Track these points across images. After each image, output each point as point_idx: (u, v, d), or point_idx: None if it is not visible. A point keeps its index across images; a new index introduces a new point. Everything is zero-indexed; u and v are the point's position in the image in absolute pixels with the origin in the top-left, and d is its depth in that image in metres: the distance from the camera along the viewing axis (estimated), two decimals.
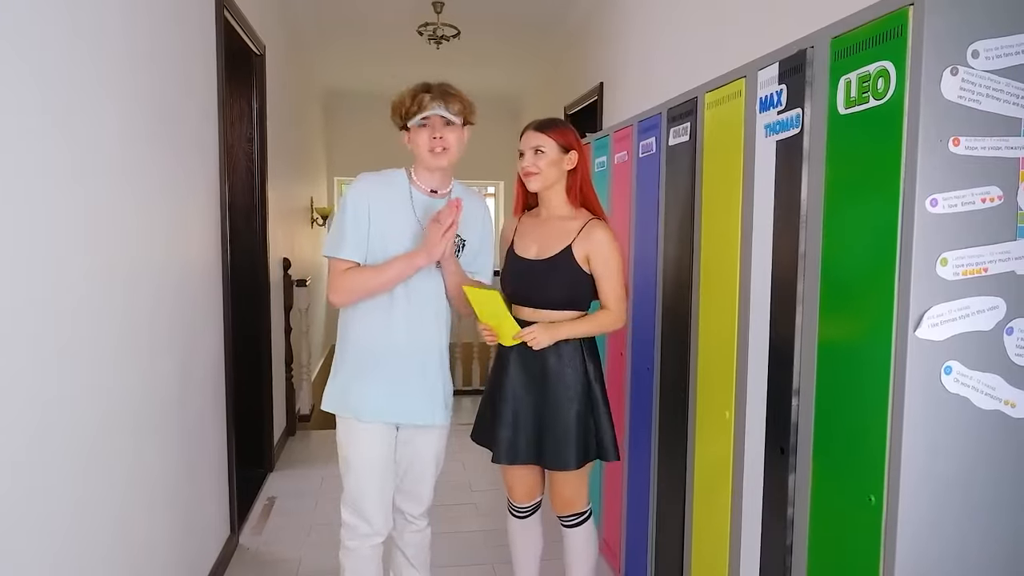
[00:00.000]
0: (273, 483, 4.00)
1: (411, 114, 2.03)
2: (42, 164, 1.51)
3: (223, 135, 2.98)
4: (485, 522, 3.47)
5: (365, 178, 2.11)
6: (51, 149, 1.54)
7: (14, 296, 1.39)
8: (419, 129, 2.04)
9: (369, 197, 2.06)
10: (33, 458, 1.46)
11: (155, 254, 2.21)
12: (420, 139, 2.04)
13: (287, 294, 4.76)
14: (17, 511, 1.40)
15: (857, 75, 1.32)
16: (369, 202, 2.05)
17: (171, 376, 2.35)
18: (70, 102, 1.63)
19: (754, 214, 1.72)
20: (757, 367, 1.72)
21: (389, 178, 2.13)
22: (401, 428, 2.18)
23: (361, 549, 2.16)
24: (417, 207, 2.10)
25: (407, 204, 2.10)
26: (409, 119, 2.04)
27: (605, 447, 2.17)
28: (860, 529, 1.33)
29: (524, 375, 2.16)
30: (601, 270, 2.13)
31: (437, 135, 2.02)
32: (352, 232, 2.04)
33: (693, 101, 2.08)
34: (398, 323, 2.08)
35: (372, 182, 2.10)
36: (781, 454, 1.59)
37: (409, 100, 2.03)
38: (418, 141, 2.05)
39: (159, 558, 2.22)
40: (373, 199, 2.06)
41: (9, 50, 1.38)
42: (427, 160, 2.06)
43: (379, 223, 2.05)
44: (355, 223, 2.04)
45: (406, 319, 2.08)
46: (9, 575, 1.37)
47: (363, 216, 2.05)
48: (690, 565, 2.14)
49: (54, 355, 1.55)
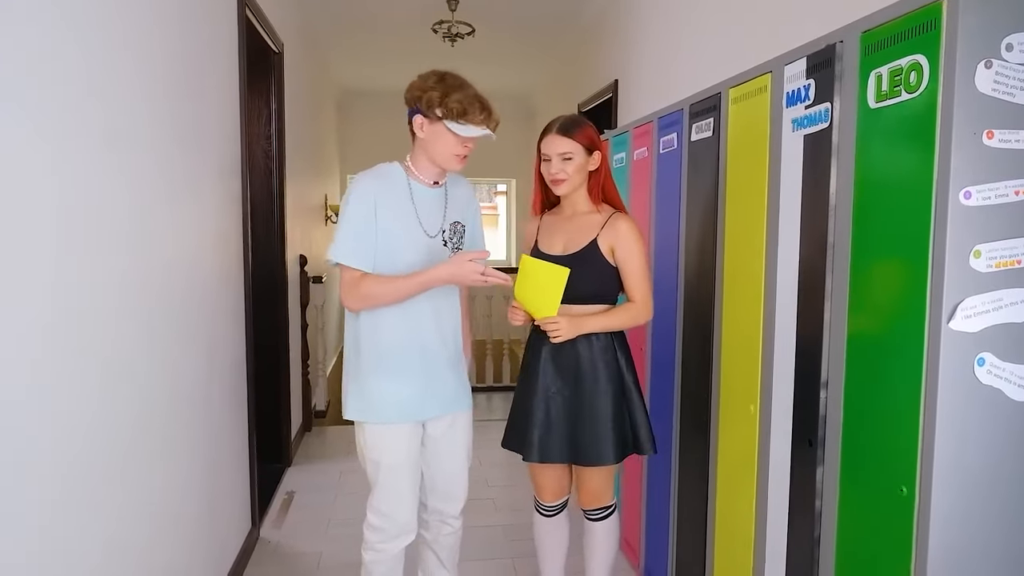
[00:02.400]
0: (291, 478, 4.03)
1: (453, 115, 1.95)
2: (82, 165, 1.53)
3: (245, 133, 3.01)
4: (503, 517, 3.49)
5: (364, 178, 2.05)
6: (89, 149, 1.57)
7: (54, 298, 1.41)
8: (449, 133, 1.97)
9: (375, 195, 2.01)
10: (72, 454, 1.49)
11: (183, 254, 2.23)
12: (448, 141, 1.99)
13: (303, 291, 4.79)
14: (57, 501, 1.43)
15: (888, 69, 1.33)
16: (375, 200, 2.01)
17: (198, 373, 2.37)
18: (100, 100, 1.65)
19: (780, 207, 1.73)
20: (783, 360, 1.73)
21: (385, 174, 2.08)
22: (429, 426, 2.16)
23: (391, 551, 2.15)
24: (416, 198, 2.07)
25: (407, 197, 2.06)
26: (450, 119, 1.96)
27: (641, 441, 2.18)
28: (891, 519, 1.34)
29: (556, 371, 2.16)
30: (626, 262, 2.14)
31: (470, 145, 2.01)
32: (360, 237, 1.99)
33: (716, 97, 2.09)
34: (426, 321, 2.07)
35: (372, 180, 2.04)
36: (809, 446, 1.60)
37: (479, 110, 1.96)
38: (445, 141, 1.99)
39: (186, 549, 2.25)
40: (378, 196, 2.01)
41: (36, 49, 1.40)
42: (446, 162, 2.03)
43: (384, 219, 2.01)
44: (363, 226, 1.99)
45: (434, 315, 2.08)
46: (43, 565, 1.39)
47: (370, 217, 2.00)
48: (712, 558, 2.15)
49: (92, 355, 1.57)
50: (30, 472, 1.32)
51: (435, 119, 1.98)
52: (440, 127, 1.98)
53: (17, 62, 1.29)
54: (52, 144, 1.42)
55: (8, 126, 1.26)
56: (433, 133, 2.00)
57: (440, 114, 1.97)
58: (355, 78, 7.68)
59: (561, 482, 2.33)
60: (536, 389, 2.18)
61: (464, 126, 1.96)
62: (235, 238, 2.89)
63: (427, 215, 2.07)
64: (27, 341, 1.31)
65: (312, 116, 5.76)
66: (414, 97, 2.02)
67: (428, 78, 2.03)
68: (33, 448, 1.33)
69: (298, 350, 4.69)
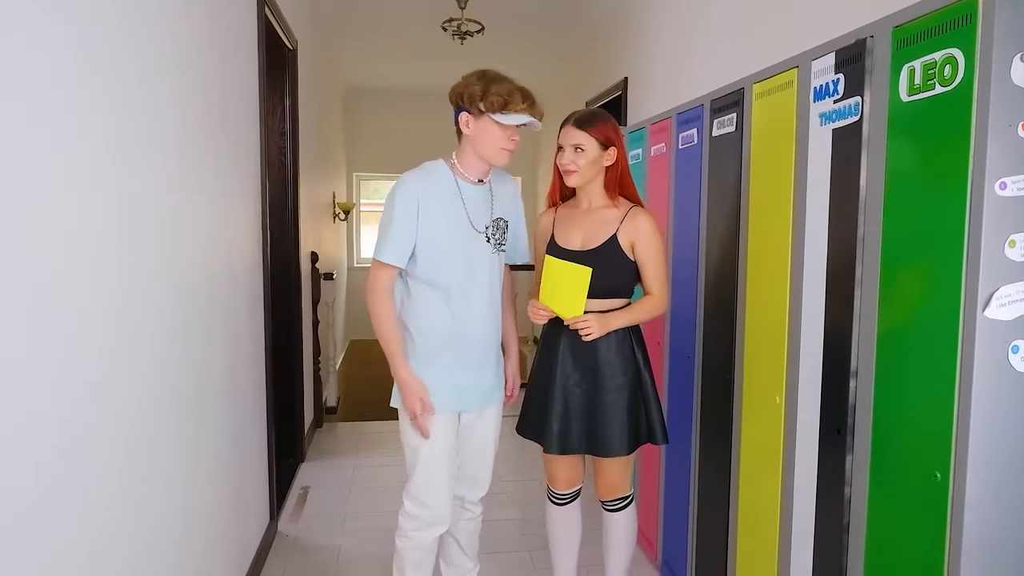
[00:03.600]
0: (305, 473, 4.05)
1: (496, 107, 2.00)
2: (127, 168, 1.55)
3: (264, 131, 3.03)
4: (517, 511, 3.52)
5: (410, 177, 2.11)
6: (133, 153, 1.59)
7: (94, 298, 1.43)
8: (496, 124, 2.02)
9: (418, 195, 2.07)
10: (111, 451, 1.51)
11: (211, 251, 2.25)
12: (493, 134, 2.04)
13: (315, 288, 4.81)
14: (99, 497, 1.45)
15: (922, 63, 1.35)
16: (419, 200, 2.06)
17: (225, 369, 2.40)
18: (142, 99, 1.67)
19: (807, 199, 1.76)
20: (810, 352, 1.75)
21: (432, 172, 2.14)
22: (463, 414, 2.23)
23: (425, 539, 2.20)
24: (464, 196, 2.13)
25: (456, 195, 2.12)
26: (493, 111, 2.00)
27: (654, 431, 2.21)
28: (924, 504, 1.36)
29: (575, 365, 2.19)
30: (646, 256, 2.16)
31: (516, 138, 2.07)
32: (397, 236, 2.05)
33: (739, 92, 2.11)
34: (469, 320, 2.13)
35: (419, 179, 2.10)
36: (837, 435, 1.63)
37: (520, 98, 2.00)
38: (491, 134, 2.04)
39: (216, 542, 2.27)
40: (422, 196, 2.07)
41: (66, 49, 1.42)
42: (493, 157, 2.08)
43: (429, 218, 2.07)
44: (402, 225, 2.05)
45: (479, 315, 2.14)
46: (81, 555, 1.41)
47: (412, 216, 2.05)
48: (735, 546, 2.18)
49: (132, 354, 1.60)
50: (72, 469, 1.34)
51: (479, 113, 2.04)
52: (485, 121, 2.04)
53: (69, 64, 1.31)
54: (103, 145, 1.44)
55: (62, 127, 1.29)
56: (479, 128, 2.05)
57: (483, 108, 2.02)
58: (362, 76, 7.70)
59: (575, 471, 2.37)
60: (555, 381, 2.21)
61: (507, 115, 2.01)
62: (255, 235, 2.91)
63: (474, 211, 2.12)
64: (67, 343, 1.34)
65: (321, 114, 5.78)
66: (458, 95, 2.07)
67: (470, 76, 2.09)
68: (75, 445, 1.36)
69: (310, 346, 4.71)
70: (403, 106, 8.37)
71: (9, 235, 1.12)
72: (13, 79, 1.14)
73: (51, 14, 1.26)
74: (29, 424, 1.18)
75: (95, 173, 1.43)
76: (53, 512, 1.25)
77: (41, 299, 1.22)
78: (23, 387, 1.16)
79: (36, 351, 1.21)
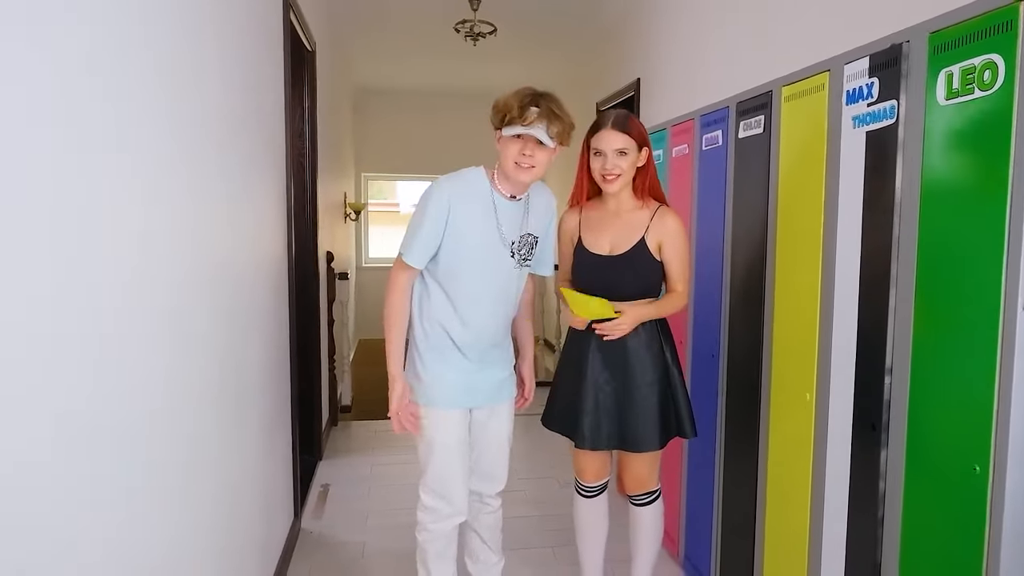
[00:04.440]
0: (324, 471, 4.09)
1: (511, 121, 2.00)
2: (164, 171, 1.59)
3: (289, 132, 3.07)
4: (535, 508, 3.55)
5: (447, 183, 2.10)
6: (171, 159, 1.63)
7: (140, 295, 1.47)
8: (511, 139, 2.03)
9: (451, 202, 2.07)
10: (150, 448, 1.55)
11: (253, 254, 2.30)
12: (510, 150, 2.03)
13: (330, 287, 4.85)
14: (132, 494, 1.49)
15: (960, 68, 1.39)
16: (450, 206, 2.06)
17: (258, 367, 2.44)
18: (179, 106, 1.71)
19: (839, 200, 1.79)
20: (842, 349, 1.79)
21: (470, 180, 2.13)
22: (476, 410, 2.27)
23: (444, 529, 2.25)
24: (499, 210, 2.12)
25: (490, 207, 2.11)
26: (507, 126, 2.02)
27: (683, 425, 2.24)
28: (963, 497, 1.40)
29: (604, 364, 2.23)
30: (672, 255, 2.20)
31: (528, 152, 2.02)
32: (424, 238, 2.07)
33: (767, 95, 2.15)
34: (483, 318, 2.16)
35: (454, 186, 2.10)
36: (872, 431, 1.66)
37: (516, 108, 1.99)
38: (507, 151, 2.04)
39: (248, 540, 2.31)
40: (455, 203, 2.07)
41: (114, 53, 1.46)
42: (511, 172, 2.06)
43: (458, 225, 2.07)
44: (431, 229, 2.07)
45: (491, 315, 2.18)
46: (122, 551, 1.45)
47: (441, 222, 2.06)
48: (763, 541, 2.21)
49: (176, 350, 1.63)
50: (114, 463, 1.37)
51: (496, 131, 2.08)
52: (504, 139, 2.05)
53: (146, 77, 1.35)
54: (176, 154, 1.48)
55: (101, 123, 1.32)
56: (500, 145, 2.08)
57: (496, 124, 2.07)
58: (372, 76, 7.74)
59: (603, 464, 2.41)
60: (584, 379, 2.24)
61: (509, 127, 2.02)
62: (283, 237, 2.95)
63: (506, 226, 2.14)
64: (139, 340, 1.37)
65: (333, 114, 5.82)
66: (494, 118, 2.08)
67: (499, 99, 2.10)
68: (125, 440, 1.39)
69: (326, 345, 4.74)
70: (411, 106, 8.40)
71: (97, 236, 1.16)
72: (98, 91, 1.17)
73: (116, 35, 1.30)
74: (98, 413, 1.22)
75: (172, 180, 1.47)
76: (131, 498, 1.29)
77: (127, 297, 1.27)
78: (111, 379, 1.20)
79: (121, 350, 1.24)
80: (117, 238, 1.30)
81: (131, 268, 1.36)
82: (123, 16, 1.32)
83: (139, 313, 1.39)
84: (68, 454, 1.11)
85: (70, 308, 1.12)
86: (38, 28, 1.03)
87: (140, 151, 1.40)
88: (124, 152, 1.33)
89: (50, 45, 1.06)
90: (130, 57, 1.35)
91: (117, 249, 1.29)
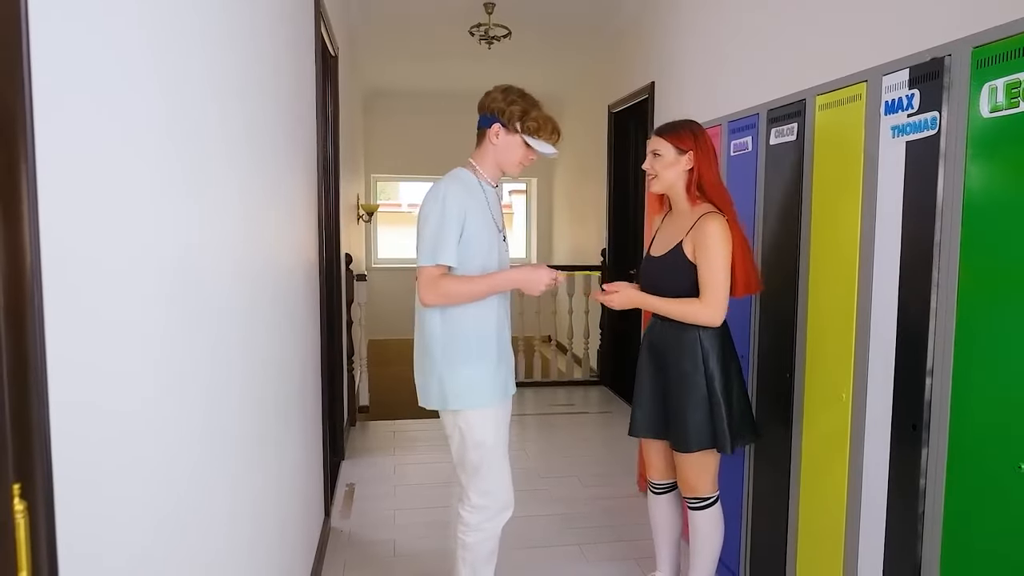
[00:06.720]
0: (347, 470, 4.15)
1: (532, 131, 2.19)
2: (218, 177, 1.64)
3: (320, 138, 3.12)
4: (560, 507, 3.60)
5: (453, 185, 2.18)
6: (221, 167, 1.68)
7: (192, 303, 1.52)
8: (523, 145, 2.21)
9: (465, 202, 2.17)
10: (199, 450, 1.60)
11: (295, 257, 2.35)
12: (519, 151, 2.23)
13: (349, 289, 4.90)
14: (186, 495, 1.54)
15: (1005, 82, 1.45)
16: (466, 207, 2.17)
17: (298, 368, 2.49)
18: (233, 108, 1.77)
19: (877, 207, 1.85)
20: (881, 351, 1.85)
21: (464, 180, 2.24)
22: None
23: (497, 527, 2.30)
24: (489, 200, 2.28)
25: (482, 198, 2.25)
26: (529, 134, 2.20)
27: (719, 439, 2.25)
28: (1007, 495, 1.46)
29: (650, 355, 2.39)
30: (701, 262, 2.21)
31: (533, 157, 2.28)
32: (453, 239, 2.15)
33: (800, 103, 2.21)
34: (500, 309, 2.28)
35: (461, 187, 2.20)
36: (912, 430, 1.72)
37: (550, 130, 2.22)
38: (516, 151, 2.23)
39: (289, 539, 2.36)
40: (467, 203, 2.18)
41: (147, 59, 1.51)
42: (511, 168, 2.27)
43: (469, 221, 2.18)
44: (455, 229, 2.15)
45: (500, 304, 2.29)
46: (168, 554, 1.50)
47: (461, 221, 2.16)
48: (795, 538, 2.27)
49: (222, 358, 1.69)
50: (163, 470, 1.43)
51: (513, 131, 2.21)
52: (516, 139, 2.22)
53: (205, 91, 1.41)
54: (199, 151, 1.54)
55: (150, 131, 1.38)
56: (508, 143, 2.22)
57: (519, 127, 2.20)
58: (380, 78, 7.79)
59: (664, 461, 2.49)
60: (640, 373, 2.43)
61: (537, 141, 2.21)
62: (314, 240, 3.00)
63: (493, 208, 2.29)
64: (206, 340, 1.43)
65: (348, 116, 5.87)
66: (496, 108, 2.20)
67: (510, 92, 2.23)
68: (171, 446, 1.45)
69: (345, 346, 4.80)
70: (420, 108, 8.45)
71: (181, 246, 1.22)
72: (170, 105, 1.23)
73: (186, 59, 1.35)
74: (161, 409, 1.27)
75: (233, 194, 1.52)
76: (212, 496, 1.35)
77: (199, 300, 1.32)
78: (174, 380, 1.26)
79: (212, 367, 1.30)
80: (211, 255, 1.35)
81: (225, 276, 1.42)
82: (214, 44, 1.38)
83: (227, 328, 1.45)
84: (178, 451, 1.17)
85: (177, 320, 1.18)
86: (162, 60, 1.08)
87: (224, 184, 1.46)
88: (218, 187, 1.38)
89: (163, 87, 1.12)
90: (213, 83, 1.41)
91: (215, 255, 1.35)
